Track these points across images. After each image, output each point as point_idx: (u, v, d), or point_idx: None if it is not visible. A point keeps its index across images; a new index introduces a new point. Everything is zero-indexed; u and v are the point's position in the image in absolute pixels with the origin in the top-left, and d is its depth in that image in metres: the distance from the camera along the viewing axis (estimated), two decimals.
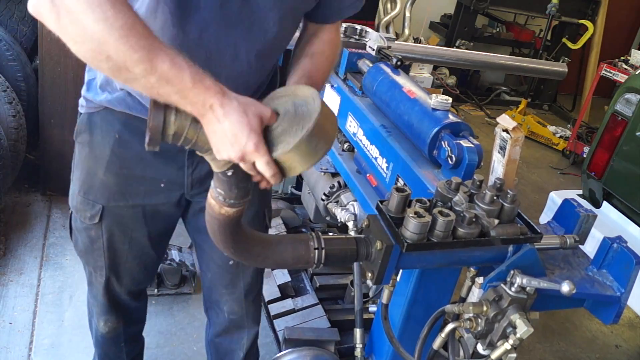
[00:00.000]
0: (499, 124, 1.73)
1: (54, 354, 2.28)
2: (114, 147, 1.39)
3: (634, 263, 1.32)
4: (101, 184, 1.44)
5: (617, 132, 2.88)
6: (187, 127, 0.98)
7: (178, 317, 2.58)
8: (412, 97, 1.79)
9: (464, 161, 1.53)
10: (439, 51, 3.17)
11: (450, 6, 6.57)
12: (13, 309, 2.46)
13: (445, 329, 1.26)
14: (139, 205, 1.48)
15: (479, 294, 1.53)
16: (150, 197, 1.47)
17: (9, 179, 2.88)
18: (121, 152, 1.40)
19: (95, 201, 1.46)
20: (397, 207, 1.19)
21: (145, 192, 1.46)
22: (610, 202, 2.96)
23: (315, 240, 1.16)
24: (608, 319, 1.39)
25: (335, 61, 1.47)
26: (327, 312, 2.44)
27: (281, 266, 1.45)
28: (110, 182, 1.43)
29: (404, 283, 1.61)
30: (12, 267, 2.68)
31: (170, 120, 0.96)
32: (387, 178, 1.82)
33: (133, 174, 1.42)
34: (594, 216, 1.44)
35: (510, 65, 3.36)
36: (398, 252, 1.17)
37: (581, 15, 6.45)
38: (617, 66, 4.95)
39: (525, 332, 1.16)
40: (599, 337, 3.10)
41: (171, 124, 0.97)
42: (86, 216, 1.49)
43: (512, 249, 1.27)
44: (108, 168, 1.41)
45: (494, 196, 1.23)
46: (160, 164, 1.42)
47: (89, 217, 1.49)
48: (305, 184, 2.71)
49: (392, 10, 5.23)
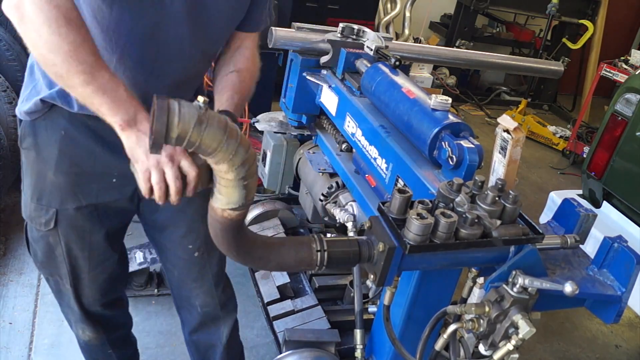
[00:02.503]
0: (499, 124, 1.73)
1: (54, 354, 2.28)
2: (61, 145, 1.38)
3: (635, 263, 1.32)
4: (52, 186, 1.42)
5: (617, 132, 2.88)
6: (190, 130, 0.97)
7: (178, 317, 2.57)
8: (412, 97, 1.79)
9: (464, 162, 1.52)
10: (438, 51, 3.16)
11: (450, 6, 6.57)
12: (13, 309, 2.45)
13: (448, 330, 1.26)
14: (93, 205, 1.46)
15: (480, 294, 1.53)
16: (103, 196, 1.46)
17: (9, 179, 2.88)
18: (69, 149, 1.39)
19: (48, 205, 1.44)
20: (399, 209, 1.19)
21: (97, 191, 1.45)
22: (610, 202, 2.96)
23: (318, 242, 1.16)
24: (609, 318, 1.39)
25: (256, 77, 1.57)
26: (327, 313, 2.44)
27: (284, 269, 1.46)
28: (62, 183, 1.42)
29: (405, 284, 1.61)
30: (12, 267, 2.68)
31: (173, 122, 0.95)
32: (387, 179, 1.81)
33: (83, 171, 1.41)
34: (594, 216, 1.44)
35: (508, 64, 3.35)
36: (400, 254, 1.17)
37: (581, 15, 6.45)
38: (617, 66, 4.95)
39: (527, 333, 1.16)
40: (599, 337, 3.10)
41: (174, 127, 0.96)
42: (41, 222, 1.47)
43: (513, 249, 1.27)
44: (57, 168, 1.40)
45: (495, 197, 1.23)
46: (110, 158, 1.40)
47: (44, 224, 1.47)
48: (302, 185, 2.71)
49: (392, 10, 5.24)
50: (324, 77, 2.36)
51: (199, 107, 0.98)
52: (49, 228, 1.47)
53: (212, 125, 0.99)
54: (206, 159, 1.07)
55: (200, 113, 0.97)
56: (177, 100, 0.97)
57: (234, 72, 1.48)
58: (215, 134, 0.99)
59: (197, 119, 0.98)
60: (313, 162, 2.44)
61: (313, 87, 2.37)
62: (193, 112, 0.97)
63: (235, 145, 1.02)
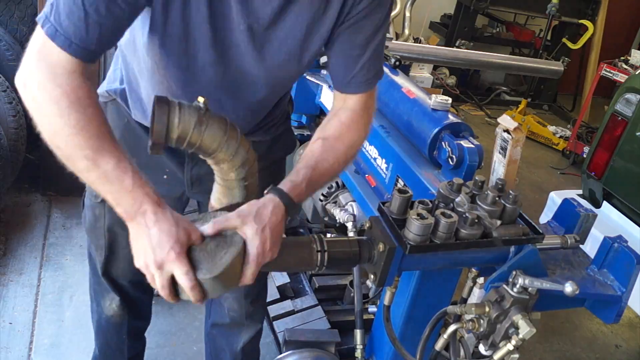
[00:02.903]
0: (499, 124, 1.73)
1: (54, 354, 2.28)
2: (123, 132, 1.44)
3: (635, 262, 1.32)
4: None
5: (617, 132, 2.88)
6: (190, 130, 0.97)
7: (178, 317, 2.58)
8: (412, 97, 1.79)
9: (464, 162, 1.53)
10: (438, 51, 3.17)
11: (450, 6, 6.57)
12: (13, 309, 2.45)
13: (448, 330, 1.26)
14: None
15: (479, 294, 1.53)
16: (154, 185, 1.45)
17: (9, 179, 2.88)
18: (129, 137, 1.43)
19: None
20: (399, 209, 1.19)
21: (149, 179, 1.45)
22: (610, 202, 2.96)
23: (318, 242, 1.16)
24: (609, 318, 1.39)
25: (355, 147, 1.30)
26: (327, 313, 2.44)
27: (284, 269, 1.45)
28: None
29: (405, 284, 1.61)
30: (12, 267, 2.68)
31: (174, 123, 0.96)
32: (387, 179, 1.81)
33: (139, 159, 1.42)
34: (594, 215, 1.44)
35: (508, 64, 3.36)
36: (401, 254, 1.17)
37: (581, 15, 6.45)
38: (617, 66, 4.95)
39: (528, 333, 1.16)
40: (599, 337, 3.10)
41: (175, 127, 0.96)
42: (93, 194, 1.55)
43: (513, 249, 1.27)
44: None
45: (495, 197, 1.23)
46: (164, 155, 1.44)
47: (94, 195, 1.54)
48: None
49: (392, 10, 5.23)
50: (324, 77, 2.36)
51: (199, 108, 0.98)
52: (98, 201, 1.53)
53: (212, 126, 0.99)
54: (207, 160, 1.07)
55: (201, 114, 0.98)
56: (178, 101, 0.97)
57: (320, 139, 1.25)
58: (216, 134, 1.00)
59: (197, 119, 0.98)
60: None
61: (313, 87, 2.37)
62: (193, 113, 0.97)
63: (235, 146, 1.02)
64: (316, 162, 1.20)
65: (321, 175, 1.21)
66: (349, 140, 1.26)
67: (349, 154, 1.27)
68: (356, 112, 1.28)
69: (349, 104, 1.28)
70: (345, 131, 1.26)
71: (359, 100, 1.28)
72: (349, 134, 1.26)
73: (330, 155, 1.23)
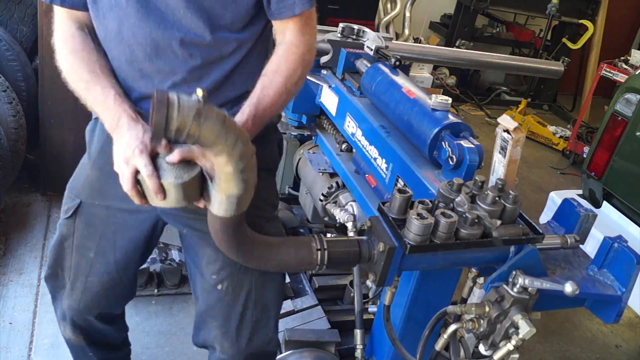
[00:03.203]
0: (499, 124, 1.73)
1: (54, 354, 2.28)
2: (103, 144, 1.45)
3: (635, 262, 1.32)
4: (86, 180, 1.51)
5: (617, 132, 2.88)
6: (189, 123, 0.98)
7: (178, 317, 2.58)
8: (412, 97, 1.79)
9: (464, 162, 1.53)
10: (438, 51, 3.17)
11: (450, 6, 6.57)
12: (13, 309, 2.45)
13: (448, 330, 1.26)
14: (114, 208, 1.48)
15: (479, 294, 1.53)
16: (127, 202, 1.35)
17: (9, 179, 2.88)
18: (109, 150, 1.37)
19: (76, 195, 1.52)
20: (399, 209, 1.19)
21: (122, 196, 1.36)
22: (610, 202, 2.96)
23: (318, 242, 1.16)
24: (609, 318, 1.39)
25: (295, 77, 1.34)
26: (327, 313, 2.44)
27: (284, 268, 1.44)
28: (94, 178, 1.49)
29: (405, 284, 1.61)
30: (12, 267, 2.68)
31: (172, 115, 0.96)
32: (387, 179, 1.81)
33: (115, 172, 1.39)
34: (594, 215, 1.44)
35: (508, 64, 3.36)
36: (401, 254, 1.17)
37: (581, 15, 6.45)
38: (617, 66, 4.95)
39: (528, 333, 1.16)
40: (599, 337, 3.10)
41: (174, 120, 0.96)
42: (64, 210, 1.55)
43: (513, 249, 1.27)
44: (95, 163, 1.48)
45: (495, 197, 1.23)
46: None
47: (65, 211, 1.54)
48: (302, 185, 2.71)
49: (392, 10, 5.23)
50: (324, 77, 2.36)
51: (198, 100, 0.99)
52: (67, 216, 1.54)
53: (211, 117, 0.99)
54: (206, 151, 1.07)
55: (199, 106, 0.98)
56: (177, 93, 0.97)
57: (260, 77, 1.32)
58: (214, 126, 1.00)
59: (196, 111, 0.98)
60: (313, 162, 2.44)
61: (313, 87, 2.37)
62: (192, 104, 0.98)
63: (234, 138, 1.03)
64: (258, 99, 1.29)
65: (264, 110, 1.29)
66: (286, 71, 1.32)
67: (288, 85, 1.32)
68: (292, 43, 1.35)
69: (287, 37, 1.35)
70: (283, 62, 1.33)
71: (294, 29, 1.35)
72: (286, 65, 1.33)
73: (270, 90, 1.30)
